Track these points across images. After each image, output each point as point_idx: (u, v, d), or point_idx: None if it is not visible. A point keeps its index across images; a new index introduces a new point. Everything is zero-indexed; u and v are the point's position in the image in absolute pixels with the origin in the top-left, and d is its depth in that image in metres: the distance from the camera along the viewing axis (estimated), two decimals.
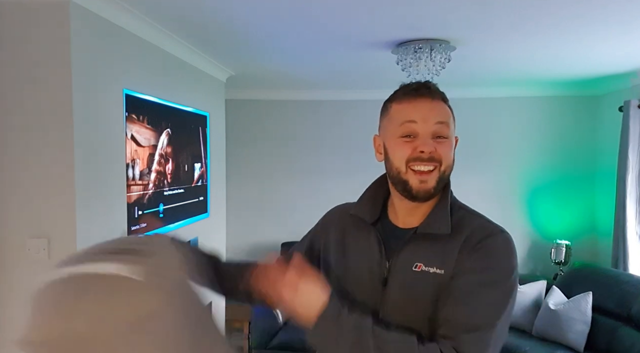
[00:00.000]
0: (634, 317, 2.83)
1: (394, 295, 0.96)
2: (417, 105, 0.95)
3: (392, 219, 1.03)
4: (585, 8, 1.94)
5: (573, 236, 3.90)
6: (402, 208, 1.01)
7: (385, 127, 1.00)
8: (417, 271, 0.94)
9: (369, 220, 1.03)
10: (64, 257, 0.72)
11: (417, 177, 0.93)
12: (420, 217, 0.99)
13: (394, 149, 0.96)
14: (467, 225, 0.96)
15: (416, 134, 0.93)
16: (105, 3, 1.87)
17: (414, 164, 0.93)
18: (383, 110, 1.03)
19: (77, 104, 1.74)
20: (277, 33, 2.36)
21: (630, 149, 3.26)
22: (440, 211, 0.98)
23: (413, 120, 0.93)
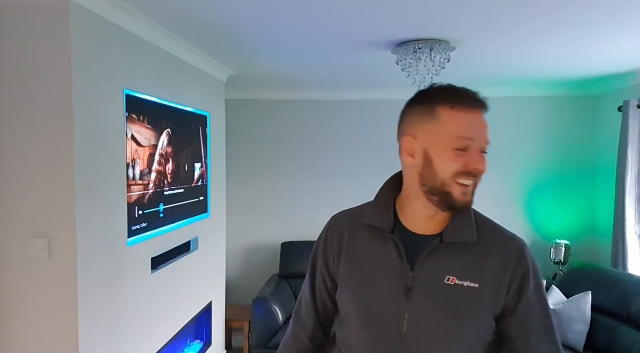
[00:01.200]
0: (634, 317, 2.84)
1: (422, 308, 0.93)
2: (473, 120, 0.91)
3: (407, 225, 0.99)
4: (585, 8, 1.95)
5: (572, 236, 3.91)
6: (424, 215, 0.97)
7: (434, 133, 0.92)
8: (450, 284, 0.92)
9: (387, 229, 0.98)
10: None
11: (461, 189, 0.91)
12: (439, 223, 0.97)
13: (444, 161, 0.91)
14: (489, 233, 0.98)
15: (468, 149, 0.91)
16: (105, 3, 1.87)
17: (461, 178, 0.91)
18: (426, 111, 0.93)
19: (77, 104, 1.74)
20: (277, 33, 2.36)
21: (630, 148, 3.26)
22: (464, 218, 0.96)
23: (471, 137, 0.90)
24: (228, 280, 3.82)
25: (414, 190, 0.96)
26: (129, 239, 2.11)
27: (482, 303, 0.93)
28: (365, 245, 1.01)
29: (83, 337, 1.79)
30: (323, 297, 1.09)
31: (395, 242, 0.97)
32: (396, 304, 0.94)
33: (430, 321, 0.93)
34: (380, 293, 0.96)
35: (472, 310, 0.93)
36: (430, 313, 0.93)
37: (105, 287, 1.95)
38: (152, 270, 2.35)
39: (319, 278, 1.08)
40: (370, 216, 1.02)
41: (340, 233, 1.05)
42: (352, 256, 1.02)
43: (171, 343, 2.63)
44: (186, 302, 2.81)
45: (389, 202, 1.02)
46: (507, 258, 0.95)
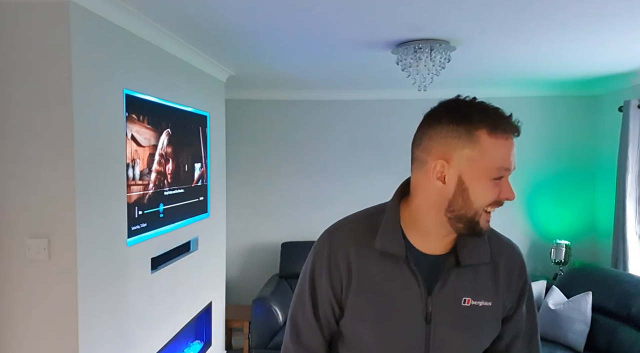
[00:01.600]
0: (634, 317, 2.83)
1: (444, 332, 0.92)
2: (510, 148, 0.87)
3: (417, 245, 0.95)
4: (585, 8, 1.94)
5: (573, 236, 3.90)
6: (437, 236, 0.94)
7: (472, 160, 0.86)
8: (466, 306, 0.93)
9: (401, 255, 0.93)
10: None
11: (487, 217, 0.90)
12: (449, 242, 0.95)
13: (482, 190, 0.86)
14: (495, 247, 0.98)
15: (502, 178, 0.87)
16: (105, 3, 1.87)
17: (492, 207, 0.88)
18: (464, 133, 0.86)
19: (77, 104, 1.74)
20: (277, 33, 2.36)
21: (630, 148, 3.26)
22: (480, 240, 0.95)
23: (508, 168, 0.87)
24: (228, 280, 3.82)
25: (435, 212, 0.91)
26: (129, 239, 2.11)
27: (496, 319, 0.96)
28: (378, 271, 0.94)
29: (83, 337, 1.79)
30: (329, 320, 1.00)
31: (409, 267, 0.93)
32: (418, 331, 0.92)
33: (452, 344, 0.93)
34: (400, 322, 0.93)
35: (488, 328, 0.95)
36: (452, 336, 0.93)
37: (105, 287, 1.94)
38: (152, 270, 2.35)
39: (324, 302, 0.99)
40: (381, 241, 0.94)
41: (347, 258, 0.96)
42: (365, 283, 0.95)
43: (171, 343, 2.63)
44: (186, 302, 2.81)
45: (397, 224, 0.95)
46: (512, 270, 0.98)
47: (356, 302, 0.95)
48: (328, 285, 0.98)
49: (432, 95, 4.26)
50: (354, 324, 0.97)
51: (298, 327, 1.02)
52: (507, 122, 0.87)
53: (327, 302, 0.99)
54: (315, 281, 1.00)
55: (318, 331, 1.01)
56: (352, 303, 0.96)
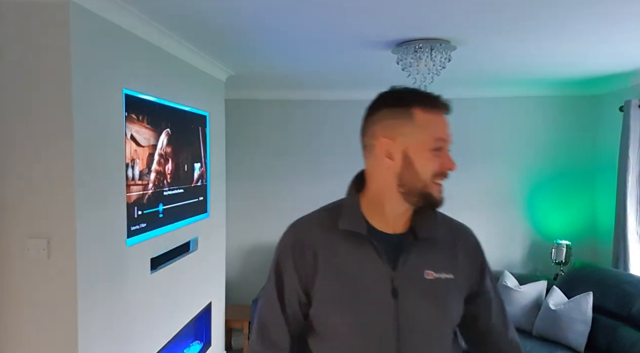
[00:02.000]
0: (635, 317, 2.83)
1: (411, 305, 0.96)
2: (444, 121, 0.97)
3: (377, 226, 1.00)
4: (586, 7, 1.94)
5: (573, 236, 3.90)
6: (395, 214, 1.00)
7: (412, 135, 0.95)
8: (430, 279, 0.97)
9: (364, 232, 0.98)
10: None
11: (438, 188, 0.97)
12: (406, 221, 1.02)
13: (424, 161, 0.95)
14: (450, 226, 1.06)
15: (441, 149, 0.96)
16: (105, 3, 1.86)
17: (439, 178, 0.96)
18: (401, 113, 0.96)
19: (76, 103, 1.73)
20: (277, 33, 2.36)
21: (631, 148, 3.25)
22: (433, 216, 1.02)
23: (444, 139, 0.96)
24: (228, 280, 3.82)
25: (389, 190, 0.98)
26: (128, 239, 2.10)
27: (458, 290, 1.01)
28: (344, 252, 0.98)
29: (82, 337, 1.78)
30: (295, 314, 1.02)
31: (373, 245, 0.98)
32: (386, 306, 0.95)
33: (420, 317, 0.96)
34: (369, 299, 0.96)
35: (452, 299, 1.00)
36: (419, 309, 0.96)
37: (104, 287, 1.94)
38: (152, 270, 2.34)
39: (290, 292, 1.01)
40: (345, 221, 0.99)
41: (312, 242, 1.00)
42: (331, 265, 0.98)
43: (170, 343, 2.63)
44: (186, 303, 2.80)
45: (358, 206, 1.01)
46: (469, 246, 1.05)
47: (324, 285, 0.98)
48: (294, 274, 1.00)
49: None
50: (324, 309, 0.99)
51: (265, 324, 1.04)
52: (438, 100, 0.97)
53: (294, 292, 1.01)
54: (280, 273, 1.03)
55: (285, 326, 1.02)
56: (320, 287, 0.98)
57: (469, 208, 4.14)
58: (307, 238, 1.01)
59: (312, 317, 1.01)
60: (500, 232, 4.09)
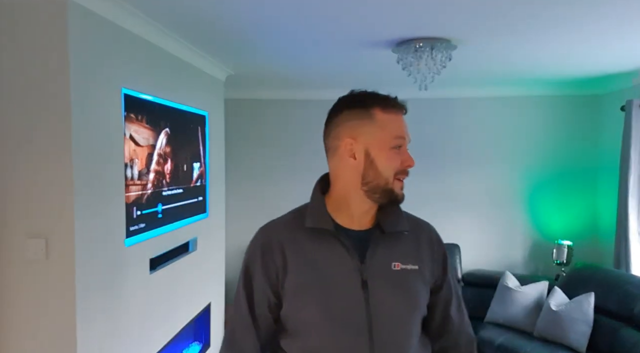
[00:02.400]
0: (636, 318, 2.82)
1: (380, 296, 0.99)
2: (401, 120, 1.02)
3: (343, 224, 1.04)
4: (587, 7, 1.93)
5: (575, 236, 3.89)
6: (360, 212, 1.04)
7: (372, 133, 1.00)
8: (397, 270, 1.01)
9: (331, 228, 1.01)
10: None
11: (399, 185, 1.02)
12: (371, 218, 1.05)
13: (385, 159, 0.99)
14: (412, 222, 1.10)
15: (401, 147, 1.01)
16: (104, 2, 1.85)
17: (400, 175, 1.01)
18: (362, 113, 1.01)
19: (75, 103, 1.72)
20: (276, 32, 2.35)
21: (633, 148, 3.24)
22: (398, 211, 1.07)
23: (403, 137, 1.01)
24: (227, 281, 3.80)
25: (354, 189, 1.02)
26: (127, 239, 2.09)
27: (424, 281, 1.05)
28: (312, 249, 1.01)
29: (81, 338, 1.77)
30: (265, 317, 1.04)
31: (340, 240, 1.01)
32: (357, 298, 0.98)
33: (390, 306, 1.00)
34: (341, 292, 0.99)
35: (419, 289, 1.04)
36: (388, 299, 1.00)
37: (103, 288, 1.93)
38: (151, 270, 2.33)
39: (260, 295, 1.03)
40: (311, 219, 1.02)
41: (281, 244, 1.02)
42: (301, 263, 1.01)
43: (170, 344, 2.62)
44: (185, 303, 2.79)
45: (323, 206, 1.05)
46: (431, 241, 1.10)
47: (295, 282, 1.00)
48: (263, 277, 1.02)
49: (433, 95, 4.24)
50: (295, 305, 1.00)
51: (233, 330, 1.06)
52: (395, 101, 1.02)
53: (264, 295, 1.03)
54: (249, 277, 1.04)
55: (253, 331, 1.04)
56: (290, 284, 1.00)
57: (470, 208, 4.14)
58: (275, 239, 1.04)
59: (284, 317, 1.02)
60: (502, 232, 4.08)
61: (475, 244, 4.07)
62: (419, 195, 4.14)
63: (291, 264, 1.01)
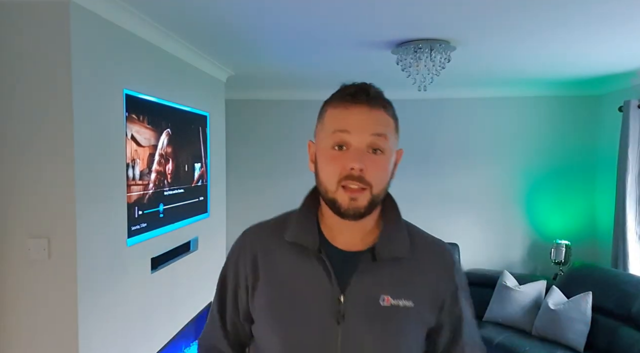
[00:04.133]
0: (634, 317, 2.83)
1: (357, 336, 0.82)
2: (352, 113, 0.82)
3: (331, 240, 0.87)
4: (586, 9, 1.94)
5: (573, 236, 3.90)
6: (340, 227, 0.87)
7: (318, 133, 0.87)
8: (385, 306, 0.83)
9: (313, 246, 0.86)
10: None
11: (348, 194, 0.81)
12: (363, 236, 0.87)
13: (324, 163, 0.84)
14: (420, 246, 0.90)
15: (348, 145, 0.81)
16: (105, 3, 1.86)
17: (345, 181, 0.81)
18: (319, 113, 0.89)
19: (77, 103, 1.74)
20: (277, 33, 2.36)
21: (630, 148, 3.26)
22: (395, 230, 0.88)
23: (345, 129, 0.81)
24: None
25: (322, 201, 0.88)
26: (129, 239, 2.11)
27: (418, 322, 0.86)
28: (287, 266, 0.87)
29: (83, 337, 1.79)
30: (238, 329, 0.93)
31: (322, 262, 0.85)
32: (326, 332, 0.82)
33: (366, 348, 0.82)
34: (307, 321, 0.83)
35: (409, 331, 0.85)
36: (367, 340, 0.82)
37: (104, 287, 1.94)
38: (152, 270, 2.35)
39: (231, 307, 0.93)
40: (293, 232, 0.87)
41: (254, 253, 0.89)
42: (271, 279, 0.87)
43: (171, 343, 2.63)
44: (186, 303, 2.81)
45: (312, 216, 0.89)
46: (440, 273, 0.89)
47: (262, 300, 0.87)
48: (235, 285, 0.92)
49: (432, 95, 4.26)
50: (260, 325, 0.88)
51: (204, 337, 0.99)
52: (351, 94, 0.83)
53: (236, 304, 0.92)
54: (224, 284, 0.94)
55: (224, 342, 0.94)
56: (258, 301, 0.87)
57: (469, 208, 4.16)
58: (249, 248, 0.91)
59: (253, 332, 0.91)
60: (500, 232, 4.09)
61: (474, 244, 4.09)
62: (418, 195, 4.17)
63: (261, 279, 0.87)
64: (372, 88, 0.85)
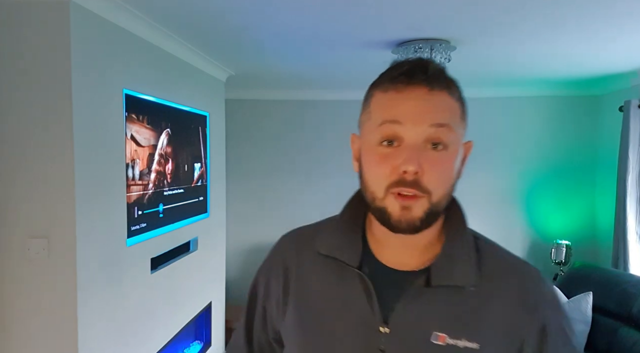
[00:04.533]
0: (635, 317, 2.83)
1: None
2: (406, 97, 0.64)
3: (379, 256, 0.71)
4: (586, 8, 1.94)
5: (573, 236, 3.90)
6: (389, 239, 0.70)
7: (363, 124, 0.70)
8: (439, 345, 0.64)
9: (352, 262, 0.70)
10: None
11: (399, 202, 0.63)
12: (420, 253, 0.69)
13: (369, 163, 0.67)
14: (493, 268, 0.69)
15: (400, 140, 0.64)
16: (105, 3, 1.86)
17: (395, 187, 0.64)
18: (364, 98, 0.71)
19: (76, 103, 1.74)
20: (277, 33, 2.36)
21: (631, 149, 3.25)
22: (459, 248, 0.69)
23: (396, 120, 0.63)
24: (228, 280, 3.82)
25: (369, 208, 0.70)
26: (129, 239, 2.10)
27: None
28: (319, 284, 0.71)
29: (82, 337, 1.78)
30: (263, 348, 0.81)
31: (363, 282, 0.68)
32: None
33: None
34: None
35: None
36: None
37: (104, 287, 1.94)
38: (152, 270, 2.34)
39: (258, 325, 0.81)
40: (328, 243, 0.72)
41: (286, 264, 0.75)
42: (301, 299, 0.72)
43: (170, 343, 2.63)
44: (186, 303, 2.81)
45: (355, 224, 0.73)
46: (519, 305, 0.67)
47: (289, 321, 0.73)
48: (265, 299, 0.79)
49: None
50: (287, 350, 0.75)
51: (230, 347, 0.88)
52: (406, 74, 0.65)
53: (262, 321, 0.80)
54: (253, 295, 0.82)
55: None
56: (287, 322, 0.73)
57: (469, 208, 4.13)
58: (281, 259, 0.77)
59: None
60: (500, 232, 4.09)
61: None
62: None
63: (291, 296, 0.73)
64: (431, 64, 0.66)
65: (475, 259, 0.69)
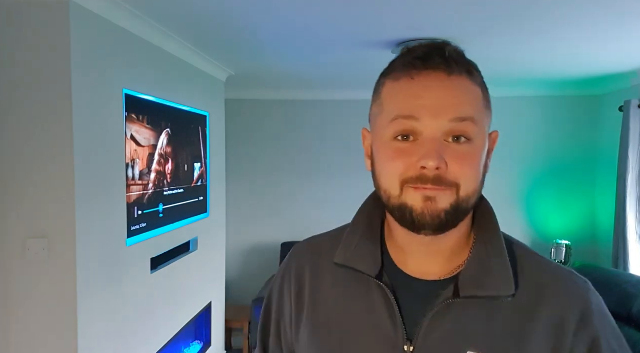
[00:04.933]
0: (635, 318, 2.83)
1: None
2: (423, 86, 0.57)
3: (400, 265, 0.63)
4: (586, 8, 1.94)
5: (573, 236, 3.90)
6: (412, 246, 0.62)
7: (374, 118, 0.63)
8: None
9: (371, 272, 0.62)
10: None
11: (420, 193, 0.56)
12: (446, 260, 0.62)
13: (383, 160, 0.59)
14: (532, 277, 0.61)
15: (417, 134, 0.56)
16: (105, 3, 1.86)
17: (415, 183, 0.56)
18: (375, 89, 0.65)
19: (76, 103, 1.74)
20: (277, 33, 2.36)
21: (631, 149, 3.25)
22: (491, 254, 0.61)
23: (411, 115, 0.56)
24: (228, 280, 3.82)
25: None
26: (129, 239, 2.11)
27: None
28: (336, 297, 0.65)
29: (82, 338, 1.78)
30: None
31: (384, 294, 0.61)
32: None
33: None
34: None
35: None
36: None
37: (104, 288, 1.94)
38: (152, 270, 2.35)
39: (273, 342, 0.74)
40: (345, 251, 0.65)
41: (300, 277, 0.69)
42: (316, 315, 0.66)
43: (171, 343, 2.63)
44: (186, 303, 2.81)
45: (372, 231, 0.66)
46: (562, 318, 0.60)
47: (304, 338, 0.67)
48: (279, 315, 0.72)
49: None
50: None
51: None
52: (421, 58, 0.58)
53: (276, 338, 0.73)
54: (267, 311, 0.75)
55: None
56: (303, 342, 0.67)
57: None
58: (298, 270, 0.70)
59: None
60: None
61: None
62: None
63: (306, 312, 0.67)
64: (449, 47, 0.58)
65: (511, 266, 0.61)
